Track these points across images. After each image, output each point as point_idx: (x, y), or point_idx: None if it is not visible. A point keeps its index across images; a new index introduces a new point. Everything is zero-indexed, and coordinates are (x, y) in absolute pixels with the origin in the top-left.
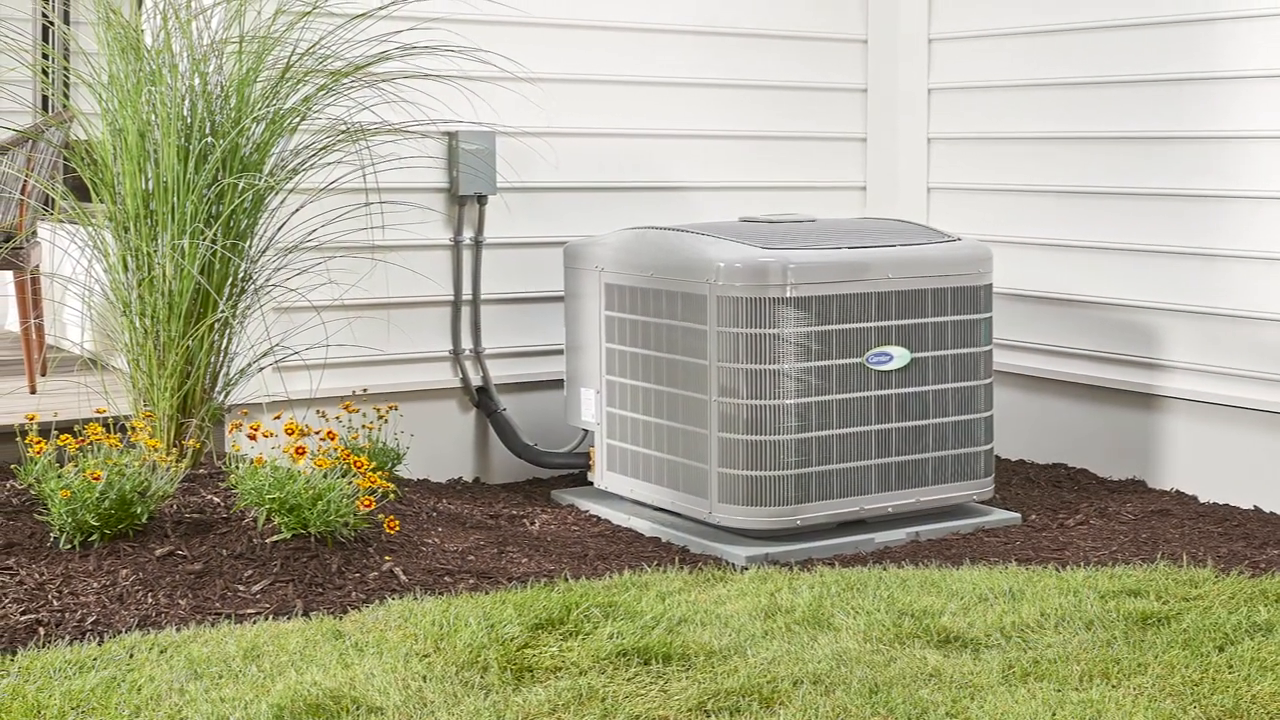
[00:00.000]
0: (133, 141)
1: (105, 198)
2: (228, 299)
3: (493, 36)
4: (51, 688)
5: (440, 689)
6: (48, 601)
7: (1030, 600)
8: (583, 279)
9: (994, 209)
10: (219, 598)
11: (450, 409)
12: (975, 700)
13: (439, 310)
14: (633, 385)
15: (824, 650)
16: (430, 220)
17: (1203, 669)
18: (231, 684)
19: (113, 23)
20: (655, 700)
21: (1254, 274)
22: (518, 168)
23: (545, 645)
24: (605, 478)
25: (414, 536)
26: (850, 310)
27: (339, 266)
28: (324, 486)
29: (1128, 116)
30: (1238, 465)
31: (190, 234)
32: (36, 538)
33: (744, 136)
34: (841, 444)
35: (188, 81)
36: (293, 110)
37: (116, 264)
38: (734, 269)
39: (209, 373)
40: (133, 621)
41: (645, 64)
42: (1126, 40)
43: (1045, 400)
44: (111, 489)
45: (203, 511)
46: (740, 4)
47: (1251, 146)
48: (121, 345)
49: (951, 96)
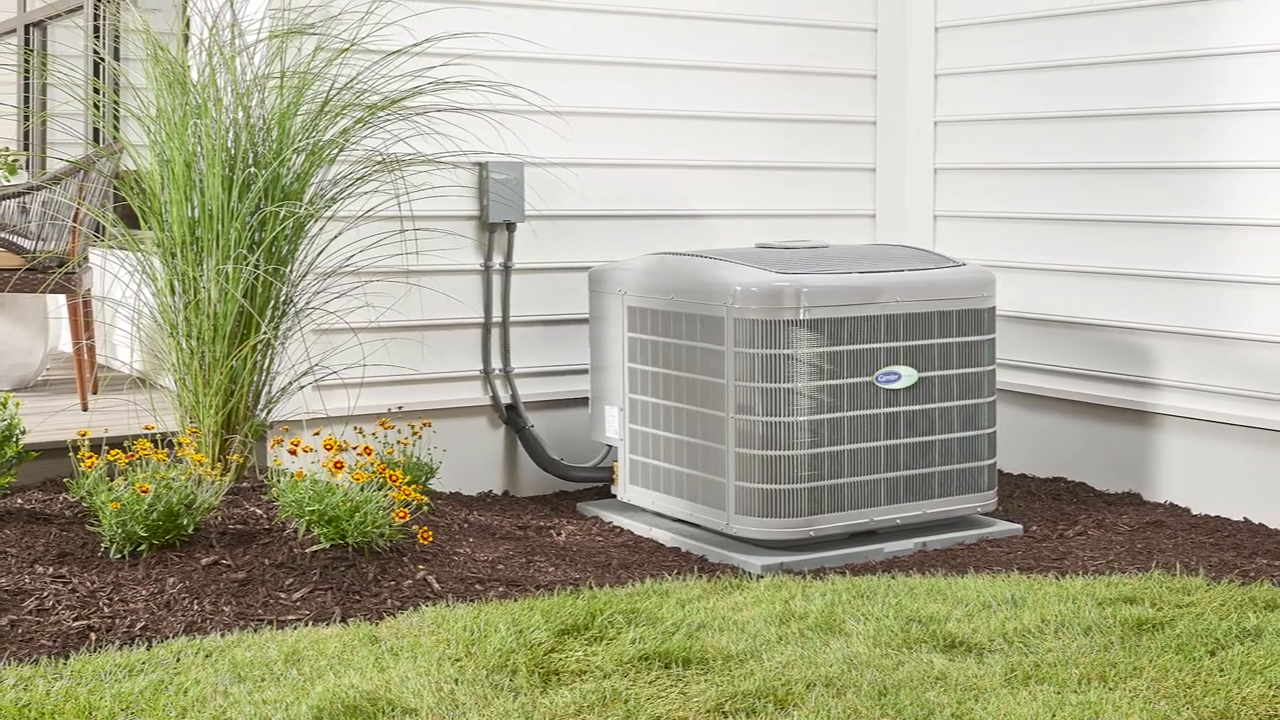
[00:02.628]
0: (179, 171)
1: (153, 225)
2: (269, 321)
3: (521, 72)
4: (102, 690)
5: (471, 691)
6: (99, 608)
7: (1031, 607)
8: (607, 302)
9: (997, 235)
10: (261, 605)
11: (481, 425)
12: (979, 702)
13: (470, 332)
14: (654, 403)
15: (835, 654)
16: (462, 246)
17: (1195, 672)
18: (273, 687)
19: (160, 59)
20: (675, 702)
21: (1243, 298)
22: (545, 196)
23: (571, 650)
24: (628, 491)
25: (446, 546)
26: (860, 332)
27: (375, 290)
28: (361, 499)
29: (1122, 148)
30: (1228, 479)
31: (234, 259)
32: (88, 548)
33: (760, 167)
34: (852, 459)
35: (232, 115)
36: (331, 142)
37: (164, 288)
38: (750, 293)
39: (252, 391)
40: (179, 627)
41: (666, 98)
42: (1120, 76)
43: (1045, 417)
44: (159, 501)
45: (246, 523)
46: (757, 41)
47: (1240, 177)
48: (169, 365)
49: (956, 129)
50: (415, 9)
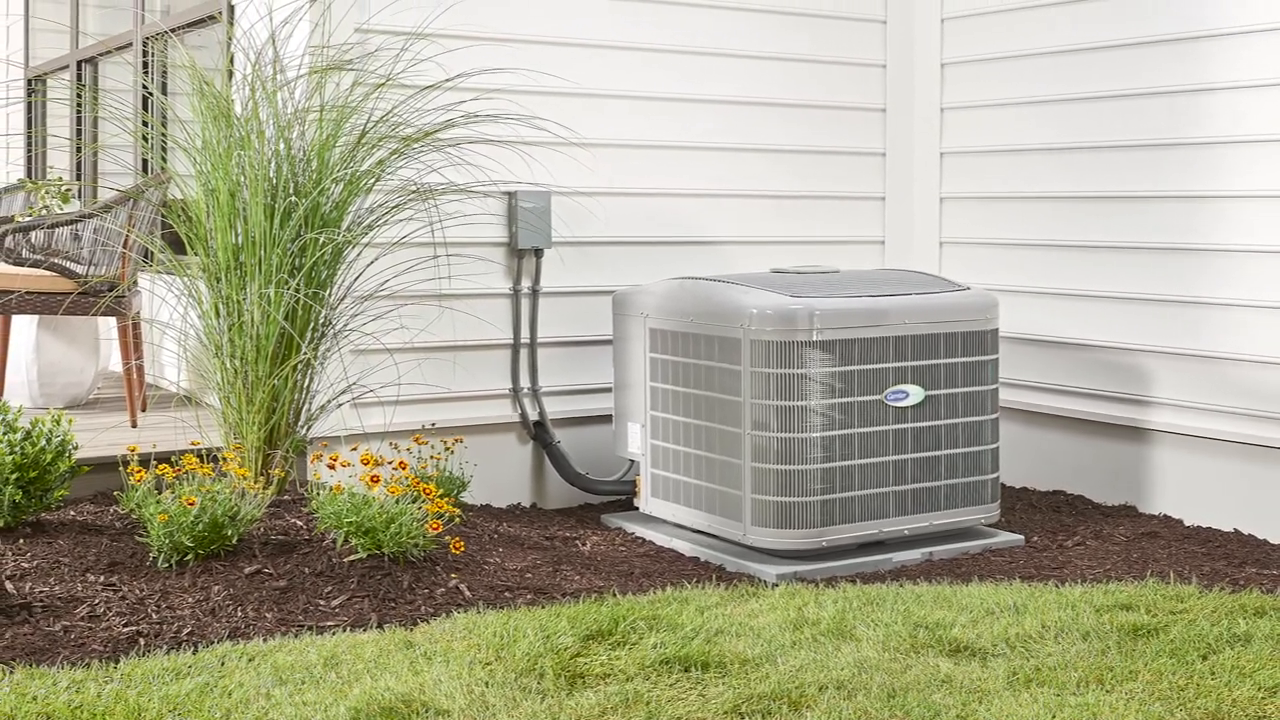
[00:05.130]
0: (224, 200)
1: (199, 251)
2: (309, 342)
3: (548, 106)
4: (151, 693)
5: (501, 694)
6: (147, 614)
7: (1032, 613)
8: (629, 324)
9: (1000, 261)
10: (301, 611)
11: (510, 441)
12: (983, 704)
13: (500, 352)
14: (674, 420)
15: (847, 659)
16: (492, 271)
17: (1188, 675)
18: (313, 689)
19: (206, 93)
20: (694, 704)
21: (1232, 320)
22: (571, 224)
23: (595, 654)
24: (650, 503)
25: (477, 556)
26: (870, 352)
27: (409, 313)
28: (396, 511)
29: (1117, 178)
30: (1219, 492)
31: (276, 284)
32: (137, 557)
33: (774, 196)
34: (862, 473)
35: (274, 146)
36: (368, 172)
37: (209, 311)
38: (766, 315)
39: (293, 409)
40: (224, 633)
41: (686, 130)
42: (1114, 111)
43: (1046, 433)
44: (205, 514)
45: (287, 534)
46: (772, 76)
47: (1230, 206)
48: (214, 384)
49: (961, 160)
50: (447, 46)
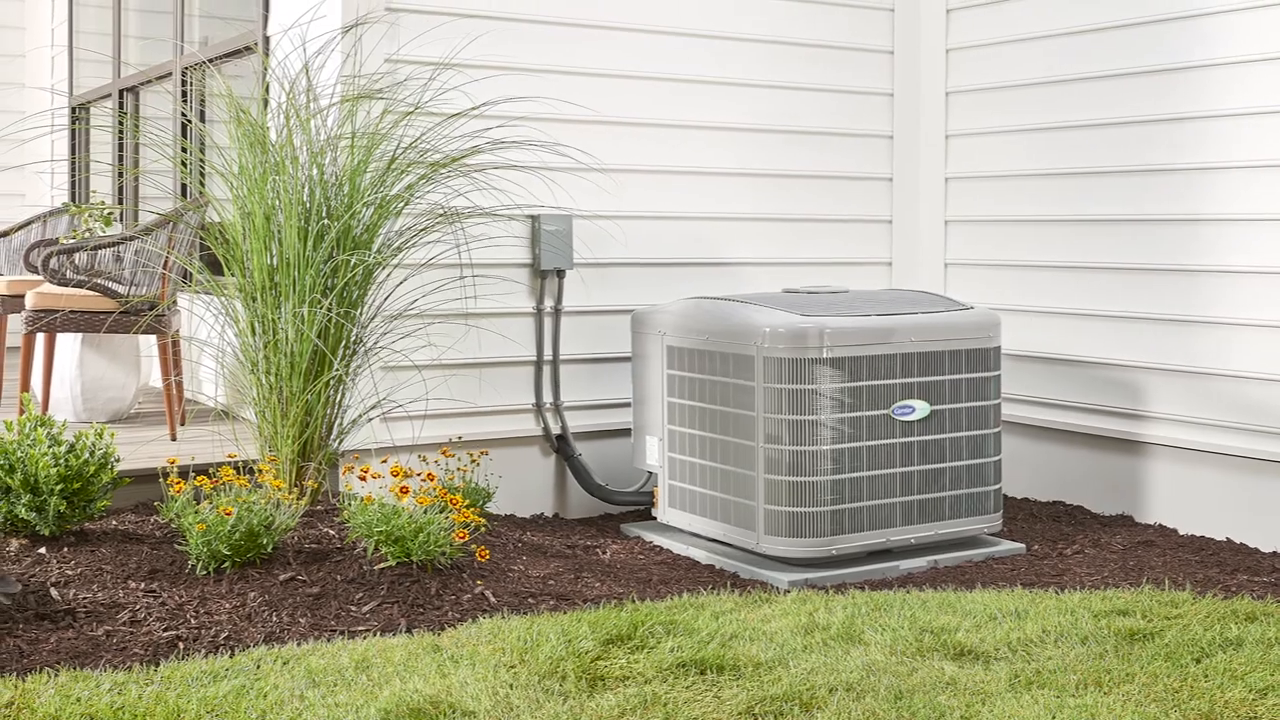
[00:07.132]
0: (260, 223)
1: (236, 272)
2: (341, 359)
3: (570, 133)
4: (189, 694)
5: (524, 695)
6: (186, 620)
7: (1033, 619)
8: (648, 342)
9: (1002, 281)
10: (334, 616)
11: (533, 454)
12: (986, 705)
13: (524, 369)
14: (690, 433)
15: (855, 662)
16: (516, 291)
17: (1182, 678)
18: (345, 691)
19: (242, 121)
20: (710, 705)
21: (1225, 338)
22: (592, 246)
23: (615, 658)
24: (667, 513)
25: (502, 564)
26: (878, 369)
27: (437, 331)
28: (424, 521)
29: (1116, 202)
30: (1212, 502)
31: (309, 303)
32: (176, 565)
33: (786, 219)
34: (871, 484)
35: (307, 172)
36: (398, 196)
37: (245, 329)
38: (778, 333)
39: (325, 423)
40: (259, 637)
41: (702, 156)
42: (1113, 137)
43: (1046, 446)
44: (241, 523)
45: (320, 542)
46: (784, 104)
47: (1222, 228)
48: (250, 399)
49: (965, 185)
50: (473, 76)
